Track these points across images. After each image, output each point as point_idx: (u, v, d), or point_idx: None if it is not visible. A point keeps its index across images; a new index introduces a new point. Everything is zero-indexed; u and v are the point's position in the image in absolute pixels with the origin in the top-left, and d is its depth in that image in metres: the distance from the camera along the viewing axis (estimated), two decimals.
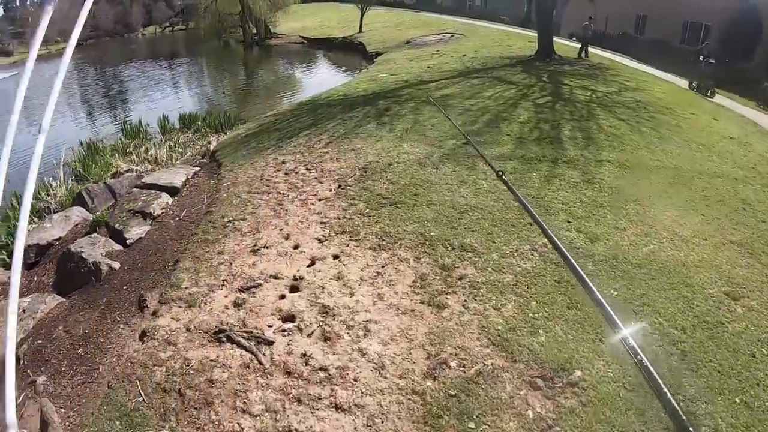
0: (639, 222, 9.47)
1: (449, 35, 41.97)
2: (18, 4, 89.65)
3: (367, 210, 9.93)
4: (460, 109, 16.98)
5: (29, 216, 14.40)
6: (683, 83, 25.48)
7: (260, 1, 55.72)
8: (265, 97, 30.87)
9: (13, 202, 15.07)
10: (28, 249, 11.09)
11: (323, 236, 9.13)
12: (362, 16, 52.45)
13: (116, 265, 10.01)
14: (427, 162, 12.14)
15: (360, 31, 51.09)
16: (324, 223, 9.59)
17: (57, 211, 15.54)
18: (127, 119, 27.79)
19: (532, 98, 18.53)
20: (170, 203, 11.87)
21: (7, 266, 11.49)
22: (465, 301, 7.17)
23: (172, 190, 12.45)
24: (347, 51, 46.51)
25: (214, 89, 38.82)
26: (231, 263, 8.66)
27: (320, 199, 10.58)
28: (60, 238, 12.55)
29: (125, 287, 9.36)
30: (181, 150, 19.89)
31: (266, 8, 56.91)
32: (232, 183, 12.29)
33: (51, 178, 18.13)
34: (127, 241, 10.63)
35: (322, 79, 36.12)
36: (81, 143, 22.07)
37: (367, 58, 40.06)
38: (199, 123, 23.00)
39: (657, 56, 32.71)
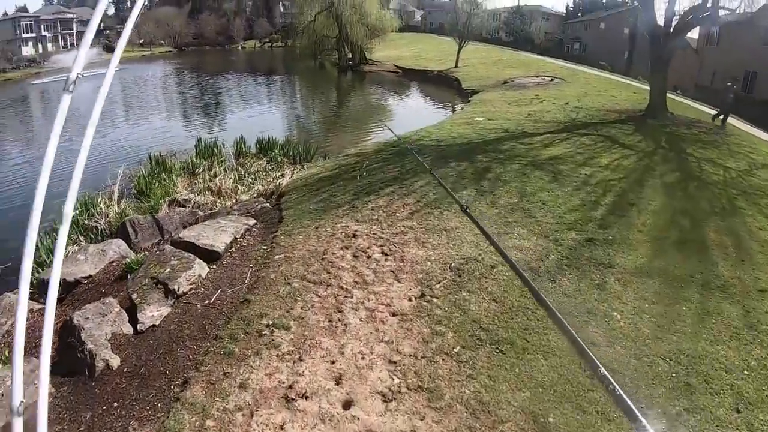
0: None
1: (549, 79, 38.95)
2: (129, 5, 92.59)
3: (458, 348, 6.69)
4: (574, 180, 13.56)
5: (71, 234, 11.62)
6: None
7: (358, 26, 54.04)
8: (352, 127, 28.29)
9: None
10: None
11: (390, 390, 5.96)
12: (459, 50, 49.64)
13: (115, 362, 7.28)
14: (541, 267, 8.81)
15: (456, 66, 48.35)
16: (394, 363, 6.41)
17: (105, 234, 13.65)
18: (210, 135, 26.03)
19: (658, 173, 14.86)
20: (203, 276, 9.08)
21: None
22: None
23: (211, 256, 9.67)
24: (442, 85, 43.73)
25: (304, 110, 36.86)
26: (251, 414, 5.67)
27: (394, 314, 7.42)
28: (90, 276, 10.32)
29: (116, 403, 6.62)
30: (250, 180, 17.46)
31: (363, 34, 55.20)
32: (286, 257, 9.39)
33: (108, 192, 16.22)
34: (139, 326, 7.91)
35: (413, 113, 33.35)
36: (149, 157, 20.10)
37: (462, 96, 37.24)
38: (276, 151, 20.55)
39: None
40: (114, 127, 29.45)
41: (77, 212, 14.81)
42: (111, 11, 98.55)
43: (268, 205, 13.62)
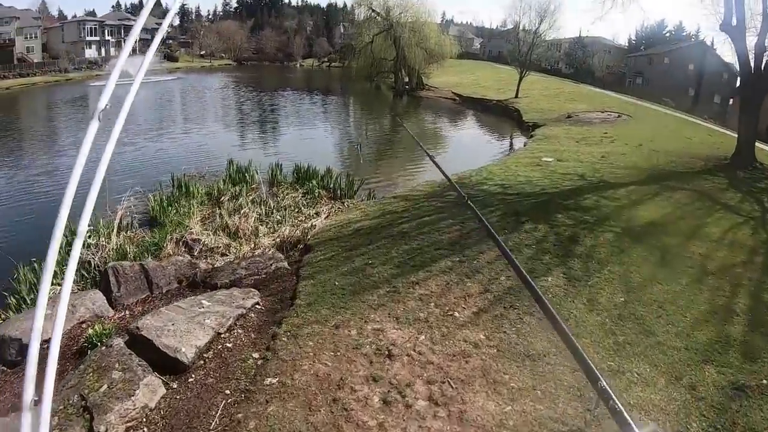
0: None
1: (615, 115, 35.28)
2: (193, 17, 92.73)
3: None
4: (688, 263, 9.54)
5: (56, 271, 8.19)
6: None
7: (416, 50, 50.93)
8: (404, 158, 24.55)
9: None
10: (9, 342, 7.42)
11: None
12: (520, 80, 45.86)
13: None
14: None
15: (516, 97, 44.62)
16: None
17: (96, 273, 10.69)
18: (252, 153, 23.01)
19: None
20: (151, 408, 5.63)
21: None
22: None
23: (174, 366, 6.24)
24: (501, 116, 39.94)
25: (356, 134, 33.54)
26: None
27: None
28: (48, 341, 6.86)
29: None
30: (277, 219, 14.18)
31: (421, 58, 52.08)
32: (282, 385, 5.74)
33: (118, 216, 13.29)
34: None
35: (472, 146, 29.69)
36: (172, 179, 17.12)
37: (523, 129, 33.56)
38: (314, 183, 17.26)
39: None
40: (150, 139, 26.74)
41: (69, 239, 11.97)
42: (176, 22, 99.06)
43: (285, 264, 10.16)
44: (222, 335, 6.94)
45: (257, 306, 7.98)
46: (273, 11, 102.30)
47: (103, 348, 6.62)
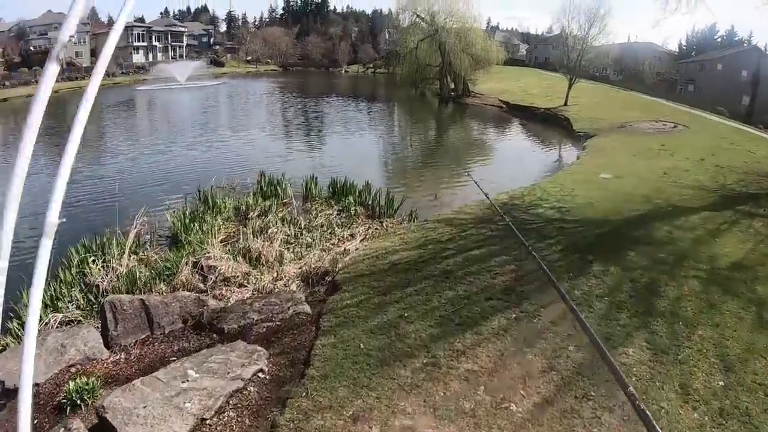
0: None
1: (671, 125, 32.68)
2: (241, 24, 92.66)
3: None
4: None
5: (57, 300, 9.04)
6: None
7: (462, 56, 48.78)
8: (449, 171, 22.57)
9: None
10: None
11: None
12: (569, 88, 43.20)
13: None
14: None
15: (565, 104, 42.05)
16: None
17: (105, 294, 9.26)
18: (290, 163, 21.73)
19: None
20: None
21: None
22: None
23: None
24: (549, 125, 37.51)
25: (400, 144, 31.55)
26: None
27: None
28: (37, 385, 6.29)
29: None
30: (307, 241, 12.56)
31: (467, 64, 49.89)
32: None
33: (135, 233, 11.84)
34: None
35: (521, 157, 27.46)
36: (198, 192, 15.68)
37: (573, 138, 31.25)
38: (351, 199, 15.57)
39: None
40: (187, 147, 25.50)
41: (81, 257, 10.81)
42: (223, 28, 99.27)
43: (305, 309, 8.47)
44: (207, 421, 5.23)
45: (260, 374, 6.26)
46: (318, 18, 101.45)
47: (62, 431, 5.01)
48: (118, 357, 7.23)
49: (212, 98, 48.05)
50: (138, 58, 75.08)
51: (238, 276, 10.62)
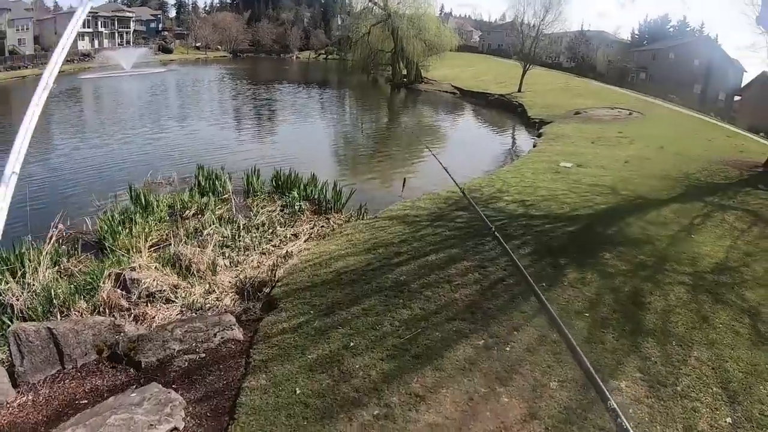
0: None
1: (626, 112, 32.45)
2: (190, 9, 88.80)
3: None
4: None
5: None
6: None
7: (415, 42, 47.47)
8: (402, 159, 21.14)
9: None
10: None
11: None
12: (524, 74, 42.53)
13: None
14: None
15: (519, 91, 41.45)
16: None
17: (21, 316, 7.78)
18: (232, 155, 19.99)
19: None
20: None
21: None
22: None
23: None
24: (504, 110, 36.71)
25: (351, 131, 29.79)
26: None
27: None
28: None
29: None
30: (244, 244, 11.06)
31: (420, 50, 48.63)
32: None
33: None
34: None
35: (476, 144, 26.41)
36: (129, 190, 13.78)
37: (529, 125, 30.48)
38: (296, 193, 14.05)
39: None
40: (122, 141, 23.23)
41: None
42: (172, 14, 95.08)
43: (236, 333, 6.95)
44: None
45: None
46: (270, 3, 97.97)
47: None
48: (25, 399, 5.75)
49: (158, 86, 45.12)
50: (84, 44, 70.53)
51: (164, 291, 8.98)
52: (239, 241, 11.21)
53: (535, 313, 6.51)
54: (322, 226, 12.35)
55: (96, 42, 73.32)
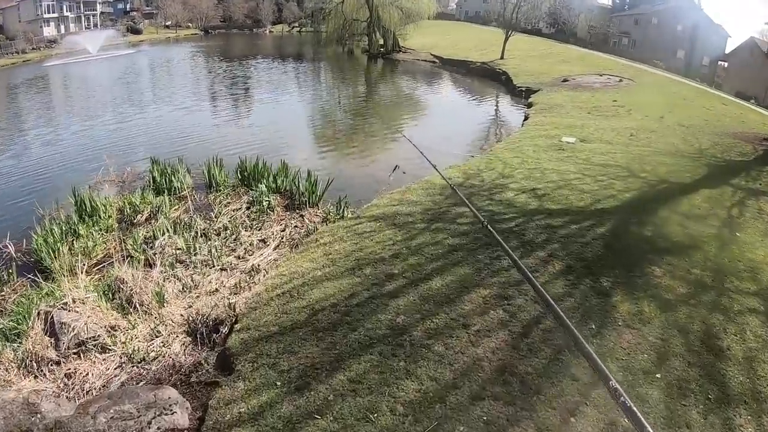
0: None
1: (617, 79, 30.23)
2: None
3: None
4: None
5: None
6: None
7: (391, 9, 44.70)
8: (381, 138, 18.81)
9: None
10: None
11: None
12: (506, 41, 40.15)
13: None
14: None
15: (502, 58, 39.11)
16: None
17: None
18: (198, 140, 17.67)
19: None
20: None
21: None
22: None
23: None
24: (488, 79, 34.34)
25: (327, 107, 27.03)
26: None
27: None
28: None
29: None
30: (203, 258, 9.01)
31: (397, 18, 45.83)
32: None
33: None
34: None
35: (462, 117, 24.18)
36: (73, 194, 11.32)
37: (515, 94, 28.29)
38: (264, 186, 11.89)
39: None
40: (78, 131, 20.45)
41: None
42: None
43: (177, 418, 4.88)
44: None
45: None
46: None
47: None
48: None
49: (125, 69, 41.55)
50: (49, 31, 65.78)
51: (99, 336, 6.82)
52: (195, 254, 9.08)
53: (592, 379, 4.49)
54: (296, 226, 10.32)
55: (62, 27, 68.64)
